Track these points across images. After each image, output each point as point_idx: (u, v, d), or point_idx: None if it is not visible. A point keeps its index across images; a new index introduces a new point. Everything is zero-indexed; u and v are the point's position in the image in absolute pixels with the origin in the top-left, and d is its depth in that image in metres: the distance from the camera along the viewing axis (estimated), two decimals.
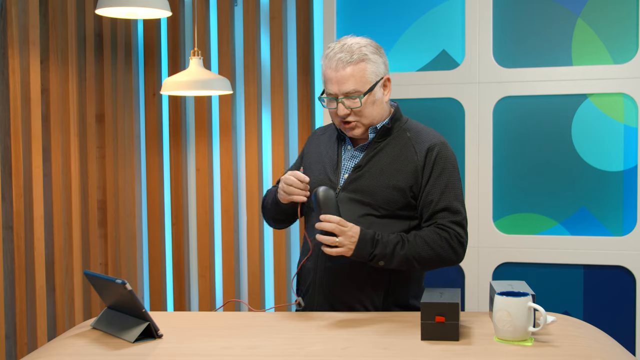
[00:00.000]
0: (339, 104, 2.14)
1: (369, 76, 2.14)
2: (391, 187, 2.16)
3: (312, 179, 2.22)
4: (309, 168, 2.30)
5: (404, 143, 2.20)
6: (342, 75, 2.12)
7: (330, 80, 2.14)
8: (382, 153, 2.19)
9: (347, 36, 2.21)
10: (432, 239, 2.11)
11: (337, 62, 2.13)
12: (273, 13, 3.87)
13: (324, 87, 2.19)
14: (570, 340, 1.82)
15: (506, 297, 1.78)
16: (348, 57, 2.12)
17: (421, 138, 2.21)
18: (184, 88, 3.26)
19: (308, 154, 2.35)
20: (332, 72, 2.13)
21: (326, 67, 2.16)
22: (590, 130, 3.16)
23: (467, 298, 3.30)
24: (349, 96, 2.13)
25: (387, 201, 2.16)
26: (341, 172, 2.22)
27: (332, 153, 2.27)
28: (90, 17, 3.72)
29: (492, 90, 3.24)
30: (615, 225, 3.14)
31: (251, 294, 3.99)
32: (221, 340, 1.87)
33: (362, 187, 2.17)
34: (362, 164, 2.19)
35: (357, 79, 2.12)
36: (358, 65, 2.13)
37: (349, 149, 2.25)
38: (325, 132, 2.38)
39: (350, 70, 2.12)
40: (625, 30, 3.10)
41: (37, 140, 3.31)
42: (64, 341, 1.93)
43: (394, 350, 1.76)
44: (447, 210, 2.15)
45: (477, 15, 3.24)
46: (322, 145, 2.32)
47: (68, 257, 3.53)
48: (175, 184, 4.13)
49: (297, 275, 2.31)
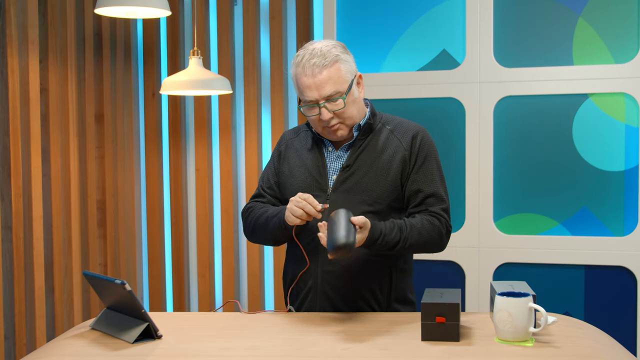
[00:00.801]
0: (321, 109, 2.11)
1: (345, 75, 2.13)
2: (383, 180, 2.17)
3: (297, 184, 2.21)
4: (290, 174, 2.26)
5: (387, 136, 2.22)
6: (320, 80, 2.09)
7: (308, 87, 2.11)
8: (368, 149, 2.20)
9: (310, 42, 2.19)
10: (426, 230, 2.14)
11: (312, 67, 2.09)
12: (273, 12, 3.87)
13: (301, 95, 2.14)
14: (571, 341, 1.82)
15: (507, 298, 1.78)
16: (322, 60, 2.10)
17: (402, 128, 2.23)
18: (184, 88, 3.26)
19: (286, 159, 2.30)
20: (308, 78, 2.10)
21: (300, 75, 2.11)
22: (591, 130, 3.15)
23: (468, 298, 3.30)
24: (330, 99, 2.11)
25: (381, 195, 2.16)
26: (328, 173, 2.20)
27: (314, 156, 2.24)
28: (90, 17, 3.71)
29: (492, 89, 3.24)
30: (616, 226, 3.14)
31: (251, 294, 3.98)
32: (221, 341, 1.87)
33: (355, 185, 2.17)
34: (351, 163, 2.18)
35: (335, 81, 2.10)
36: (333, 67, 2.10)
37: (330, 150, 2.23)
38: (296, 135, 2.34)
39: (327, 73, 2.10)
40: (626, 30, 3.10)
41: (36, 140, 3.30)
42: (63, 342, 1.92)
43: (394, 351, 1.76)
44: (434, 197, 2.18)
45: (477, 14, 3.24)
46: (301, 150, 2.28)
47: (67, 258, 3.53)
48: (175, 184, 4.12)
49: (290, 281, 2.28)
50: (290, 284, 2.27)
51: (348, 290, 2.17)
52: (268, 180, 2.33)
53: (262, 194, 2.32)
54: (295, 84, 2.16)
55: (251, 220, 2.27)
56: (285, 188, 2.26)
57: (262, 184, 2.34)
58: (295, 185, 2.22)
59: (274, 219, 2.17)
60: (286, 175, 2.27)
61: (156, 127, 4.12)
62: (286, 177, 2.26)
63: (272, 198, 2.31)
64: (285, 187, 2.26)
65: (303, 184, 2.21)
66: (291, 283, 2.27)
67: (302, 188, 2.19)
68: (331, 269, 2.17)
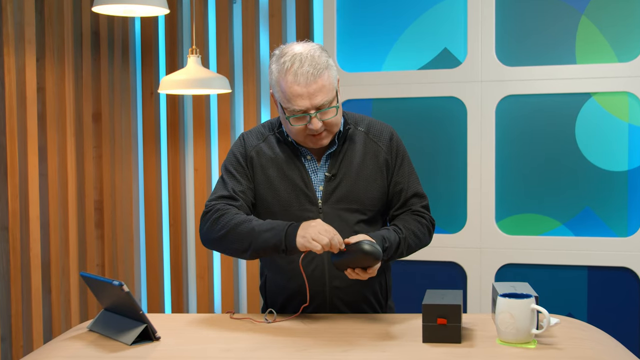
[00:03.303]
0: (312, 119, 2.02)
1: (333, 82, 2.05)
2: (372, 187, 2.15)
3: (283, 197, 2.11)
4: (269, 185, 2.13)
5: (362, 139, 2.17)
6: (314, 90, 1.99)
7: (299, 96, 1.99)
8: (348, 156, 2.15)
9: (290, 45, 2.07)
10: (418, 229, 2.16)
11: (305, 76, 1.99)
12: (272, 11, 3.86)
13: (287, 104, 2.02)
14: (574, 343, 1.82)
15: (509, 299, 1.78)
16: (314, 69, 2.00)
17: (375, 129, 2.19)
18: (182, 87, 3.25)
19: (260, 168, 2.15)
20: (301, 87, 1.99)
21: (291, 83, 1.99)
22: (594, 130, 3.16)
23: (469, 300, 3.30)
24: (322, 109, 2.03)
25: (372, 202, 2.15)
26: (314, 185, 2.13)
27: (295, 167, 2.14)
28: (87, 15, 3.71)
29: (494, 88, 3.24)
30: (619, 226, 3.15)
31: (250, 295, 3.98)
32: (220, 343, 1.86)
33: (346, 195, 2.13)
34: (335, 172, 2.13)
35: (327, 90, 2.02)
36: (324, 75, 2.02)
37: (309, 159, 2.15)
38: (262, 140, 2.18)
39: (321, 82, 2.00)
40: (629, 28, 3.11)
41: (32, 139, 3.30)
42: (60, 343, 1.92)
43: (395, 353, 1.75)
44: (416, 196, 2.20)
45: (479, 12, 3.24)
46: (277, 159, 2.15)
47: (64, 259, 3.52)
48: (173, 184, 4.11)
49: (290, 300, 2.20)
50: (288, 299, 2.17)
51: (353, 293, 2.16)
52: (240, 184, 2.13)
53: (235, 197, 2.10)
54: (279, 90, 2.04)
55: (224, 225, 2.04)
56: (265, 200, 2.13)
57: (232, 186, 2.13)
58: (280, 198, 2.12)
59: (266, 234, 1.98)
60: (263, 186, 2.13)
61: (154, 127, 4.11)
62: (264, 189, 2.13)
63: (244, 203, 2.11)
64: (265, 199, 2.13)
65: (289, 198, 2.12)
66: (291, 298, 2.16)
67: (289, 202, 2.11)
68: (340, 284, 2.13)
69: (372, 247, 1.88)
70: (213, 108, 4.07)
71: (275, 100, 2.10)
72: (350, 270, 1.94)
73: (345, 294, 2.14)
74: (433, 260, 3.29)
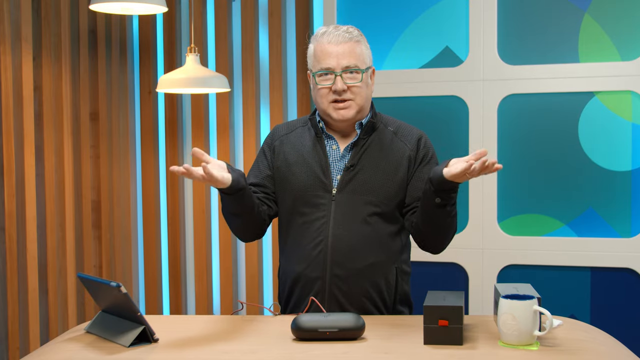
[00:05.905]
0: (337, 78, 2.12)
1: (365, 57, 2.17)
2: (390, 181, 2.17)
3: (298, 183, 2.19)
4: (287, 170, 2.22)
5: (389, 137, 2.22)
6: (343, 49, 2.12)
7: (329, 55, 2.12)
8: (371, 148, 2.19)
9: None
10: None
11: (337, 36, 2.12)
12: (272, 9, 3.86)
13: (317, 64, 2.15)
14: (576, 345, 1.82)
15: (511, 301, 1.78)
16: (348, 35, 2.14)
17: (405, 131, 2.24)
18: (181, 86, 3.25)
19: (282, 154, 2.26)
20: (332, 46, 2.12)
21: (325, 42, 2.13)
22: (597, 129, 3.17)
23: (471, 301, 3.32)
24: (348, 70, 2.12)
25: (387, 196, 2.17)
26: (332, 173, 2.18)
27: (316, 154, 2.20)
28: (84, 13, 3.71)
29: (496, 87, 3.25)
30: (623, 227, 3.15)
31: (249, 296, 3.98)
32: (219, 345, 1.86)
33: (361, 186, 2.16)
34: (355, 162, 2.17)
35: (357, 56, 2.14)
36: (357, 44, 2.15)
37: (334, 148, 2.21)
38: (290, 131, 2.30)
39: (351, 46, 2.13)
40: (633, 27, 3.13)
41: (29, 139, 3.30)
42: (57, 345, 1.92)
43: (396, 355, 1.75)
44: None
45: (481, 11, 3.26)
46: (300, 146, 2.24)
47: (61, 259, 3.52)
48: (172, 184, 4.11)
49: (294, 286, 2.24)
50: (292, 285, 2.23)
51: (356, 293, 2.16)
52: (260, 173, 2.27)
53: (254, 184, 2.26)
54: (312, 55, 2.17)
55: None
56: (282, 185, 2.22)
57: (252, 174, 2.28)
58: (296, 183, 2.19)
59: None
60: (282, 171, 2.23)
61: (152, 126, 4.11)
62: (283, 173, 2.22)
63: (258, 190, 2.25)
64: (282, 185, 2.22)
65: (305, 183, 2.18)
66: (294, 283, 2.22)
67: (305, 187, 2.17)
68: (339, 272, 2.15)
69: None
70: (212, 107, 4.06)
71: (310, 81, 2.20)
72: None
73: (345, 284, 2.15)
74: (434, 261, 3.29)
